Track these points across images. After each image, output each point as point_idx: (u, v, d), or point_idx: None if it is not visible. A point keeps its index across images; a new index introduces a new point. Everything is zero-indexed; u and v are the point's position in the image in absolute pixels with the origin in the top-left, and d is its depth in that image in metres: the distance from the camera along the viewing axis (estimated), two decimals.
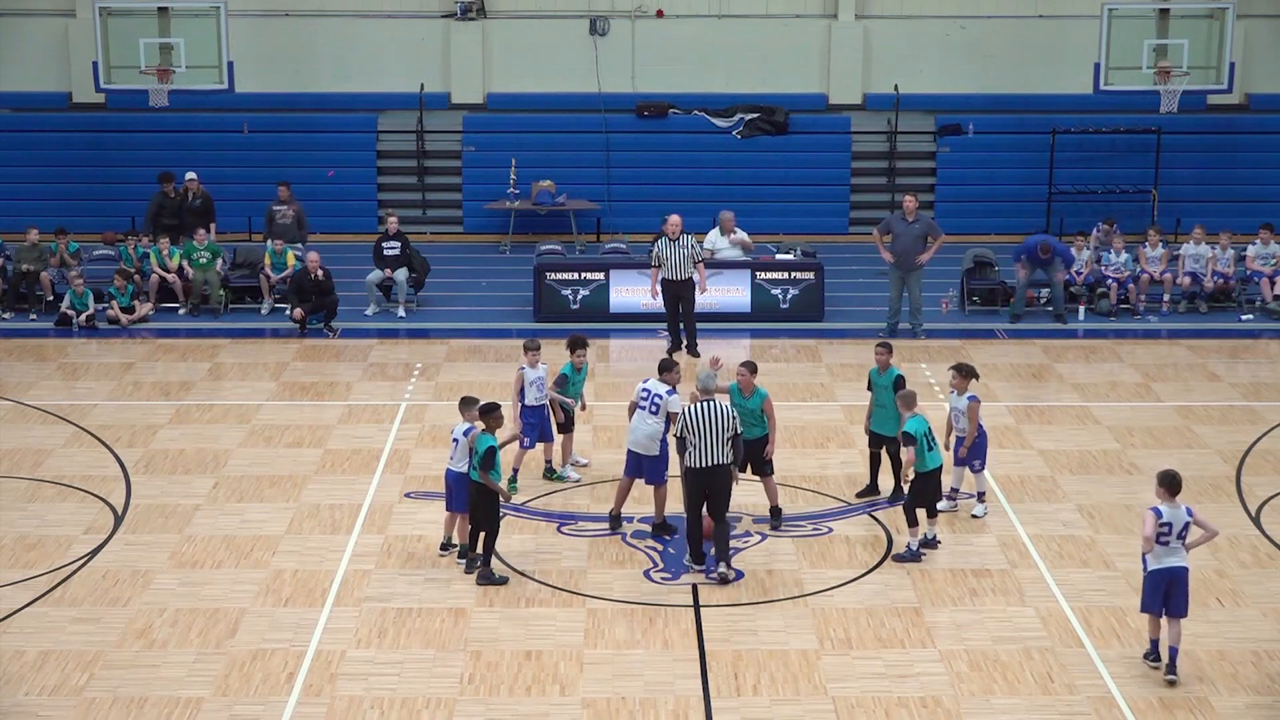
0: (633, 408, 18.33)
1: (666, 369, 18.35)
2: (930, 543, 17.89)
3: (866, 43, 33.67)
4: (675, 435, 17.17)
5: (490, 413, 17.18)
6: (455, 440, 17.45)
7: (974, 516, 18.81)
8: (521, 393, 19.59)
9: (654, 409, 18.11)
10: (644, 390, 18.21)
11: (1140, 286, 27.69)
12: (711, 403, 17.11)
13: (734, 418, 17.12)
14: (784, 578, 17.38)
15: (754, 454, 18.23)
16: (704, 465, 16.99)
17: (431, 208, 32.94)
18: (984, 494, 19.00)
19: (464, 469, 17.18)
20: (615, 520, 18.51)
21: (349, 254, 29.11)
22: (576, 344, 20.13)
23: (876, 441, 19.30)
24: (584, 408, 20.35)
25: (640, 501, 18.60)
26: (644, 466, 18.16)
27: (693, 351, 24.82)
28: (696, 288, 24.97)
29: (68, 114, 32.94)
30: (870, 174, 33.31)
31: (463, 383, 23.90)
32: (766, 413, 18.38)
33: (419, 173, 33.06)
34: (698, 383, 17.50)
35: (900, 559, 17.66)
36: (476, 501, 17.06)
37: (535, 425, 19.61)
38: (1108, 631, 16.04)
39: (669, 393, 18.14)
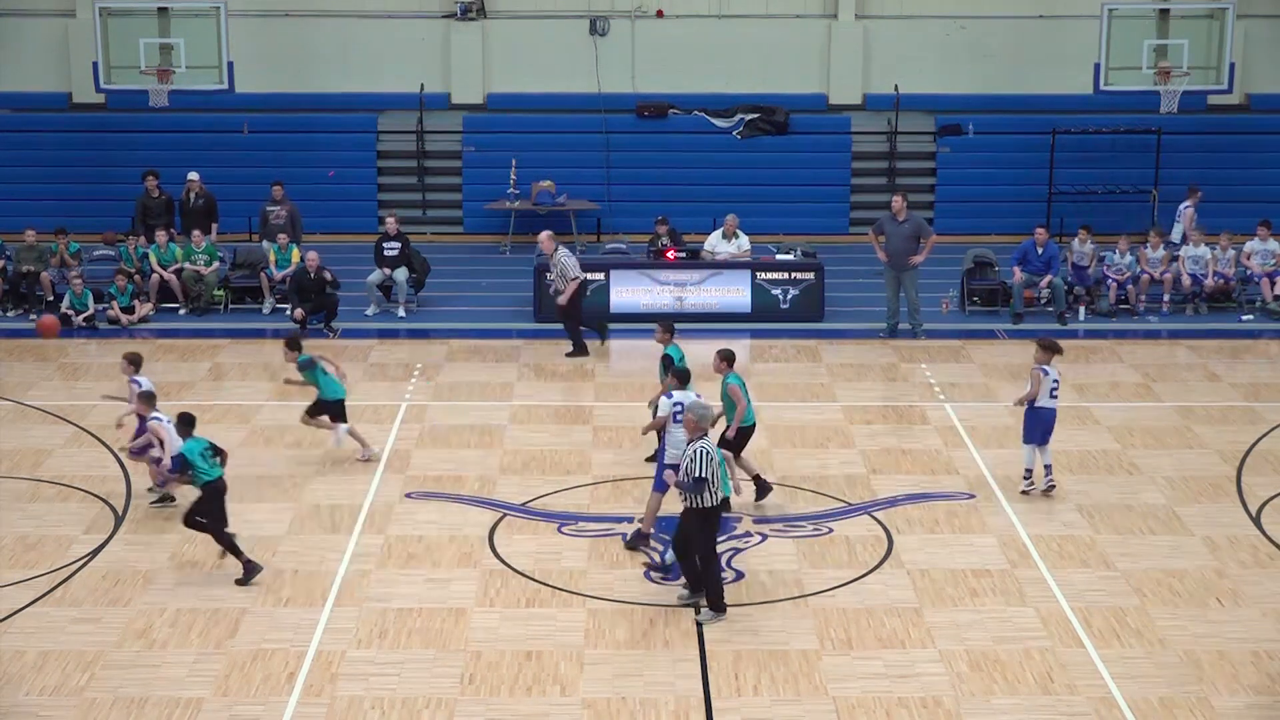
0: (660, 423, 18.20)
1: (688, 379, 18.31)
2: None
3: (866, 43, 33.69)
4: (693, 477, 15.92)
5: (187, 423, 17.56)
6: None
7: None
8: None
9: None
10: (678, 404, 18.04)
11: (1140, 287, 27.70)
12: (707, 438, 16.36)
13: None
14: (784, 578, 17.38)
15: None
16: (715, 503, 16.22)
17: (432, 208, 32.96)
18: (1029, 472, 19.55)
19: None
20: (644, 539, 18.12)
21: (349, 254, 29.12)
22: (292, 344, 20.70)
23: None
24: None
25: (639, 504, 18.62)
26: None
27: None
28: None
29: (68, 114, 32.95)
30: (870, 174, 33.33)
31: (463, 383, 23.93)
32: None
33: (419, 173, 33.07)
34: (693, 414, 16.47)
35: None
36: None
37: None
38: (1108, 632, 16.03)
39: (697, 396, 18.20)
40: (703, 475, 15.91)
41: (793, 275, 27.25)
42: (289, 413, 22.52)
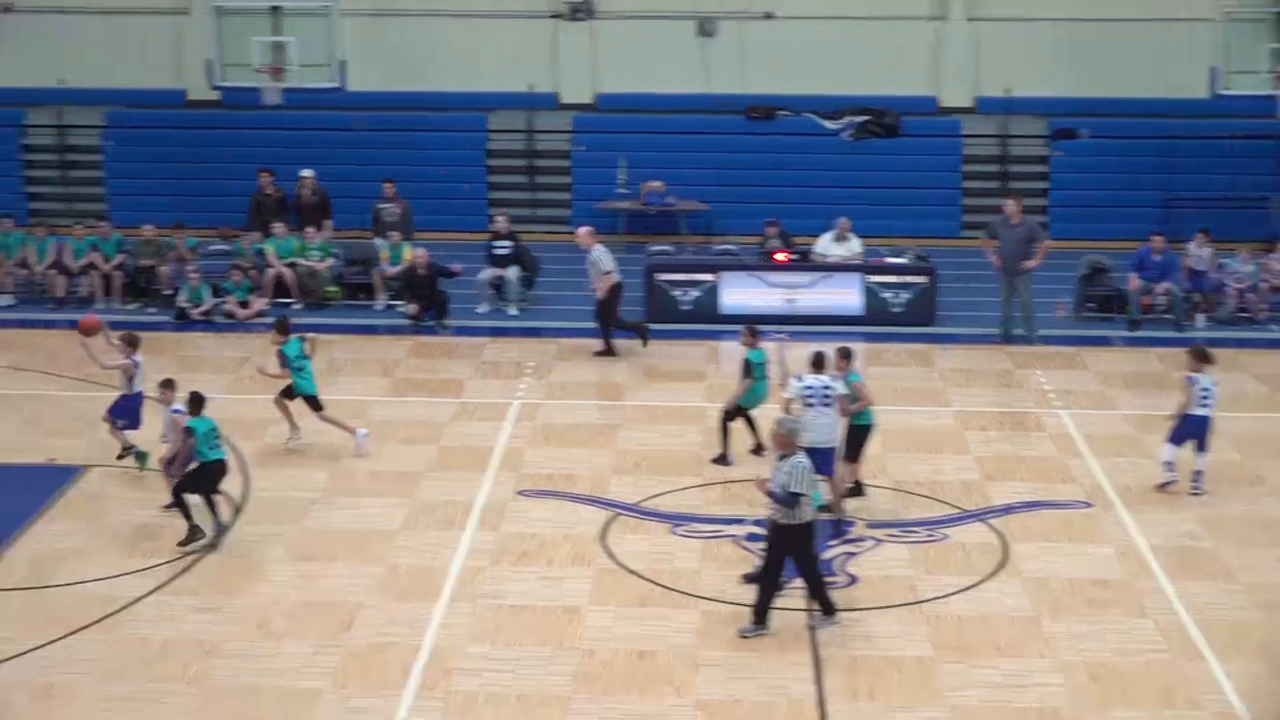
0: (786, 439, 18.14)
1: (820, 363, 18.48)
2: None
3: (977, 45, 33.39)
4: (789, 491, 15.64)
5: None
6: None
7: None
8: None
9: (825, 401, 18.25)
10: (807, 388, 18.21)
11: (1260, 295, 27.27)
12: (801, 453, 16.03)
13: None
14: (898, 584, 17.28)
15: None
16: (809, 520, 15.94)
17: (541, 207, 33.02)
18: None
19: None
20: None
21: (460, 253, 29.20)
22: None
23: None
24: None
25: (751, 506, 18.57)
26: (818, 461, 17.71)
27: None
28: None
29: (183, 111, 33.27)
30: (981, 178, 33.03)
31: (574, 382, 23.97)
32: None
33: (529, 172, 33.15)
34: (783, 430, 16.13)
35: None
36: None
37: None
38: (1230, 646, 15.78)
39: (833, 379, 18.40)
40: (799, 490, 15.66)
41: (905, 278, 27.09)
42: (403, 409, 22.70)
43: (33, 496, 19.37)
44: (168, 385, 19.00)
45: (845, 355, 18.98)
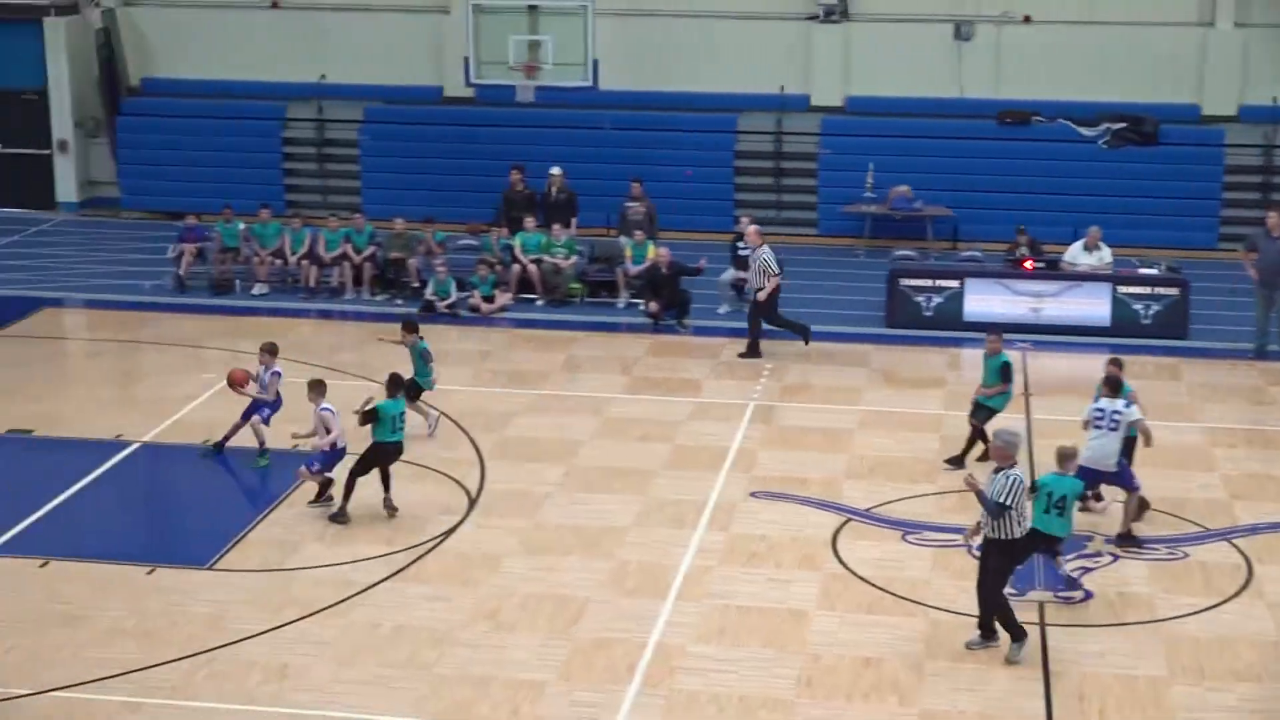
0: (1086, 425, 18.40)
1: (1115, 386, 18.45)
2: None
3: (1245, 52, 32.40)
4: (996, 501, 15.39)
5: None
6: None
7: None
8: None
9: (1113, 425, 18.10)
10: (1098, 410, 18.22)
11: None
12: (1016, 467, 15.68)
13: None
14: (1135, 601, 16.89)
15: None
16: (1017, 536, 15.65)
17: (787, 209, 32.95)
18: None
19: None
20: (1131, 540, 18.37)
21: (703, 253, 29.24)
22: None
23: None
24: None
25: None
26: (1089, 480, 17.75)
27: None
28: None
29: (439, 107, 33.91)
30: (1244, 189, 32.03)
31: (811, 385, 23.87)
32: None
33: (775, 174, 33.10)
34: (1000, 442, 15.80)
35: None
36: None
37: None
38: None
39: (1126, 406, 18.22)
40: (1006, 502, 15.33)
41: (1155, 290, 26.44)
42: (641, 406, 22.84)
43: (279, 481, 19.93)
44: (316, 386, 19.20)
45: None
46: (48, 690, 14.89)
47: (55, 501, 19.25)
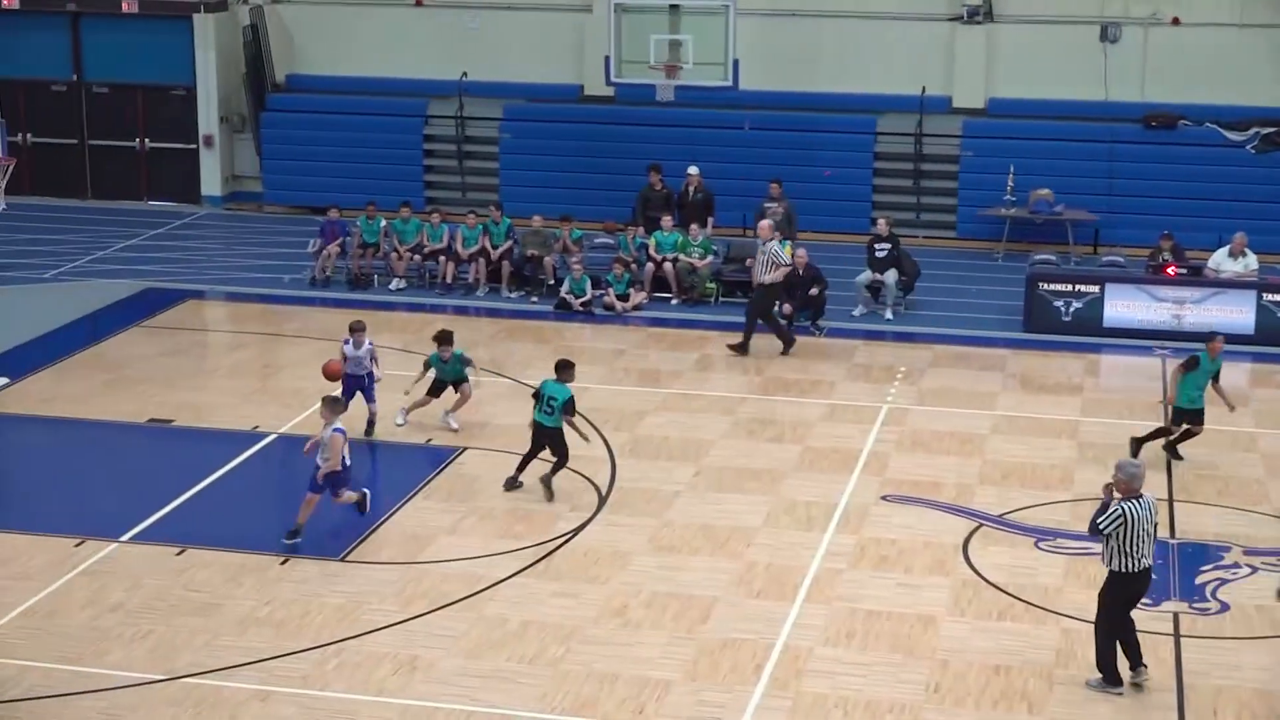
0: None
1: None
2: None
3: None
4: (1092, 521, 14.87)
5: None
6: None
7: None
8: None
9: None
10: None
11: None
12: (1143, 499, 14.87)
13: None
14: (1273, 615, 16.54)
15: None
16: (1129, 571, 14.86)
17: (926, 211, 32.69)
18: None
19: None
20: None
21: (840, 254, 29.17)
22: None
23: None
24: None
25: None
26: None
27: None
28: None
29: (578, 105, 34.04)
30: None
31: (946, 389, 23.65)
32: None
33: (915, 175, 32.84)
34: (1122, 475, 14.90)
35: None
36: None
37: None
38: None
39: None
40: (1103, 528, 14.66)
41: None
42: (772, 407, 22.76)
43: (411, 475, 20.13)
44: (330, 403, 18.36)
45: None
46: (180, 676, 15.13)
47: (192, 491, 19.57)
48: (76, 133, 35.50)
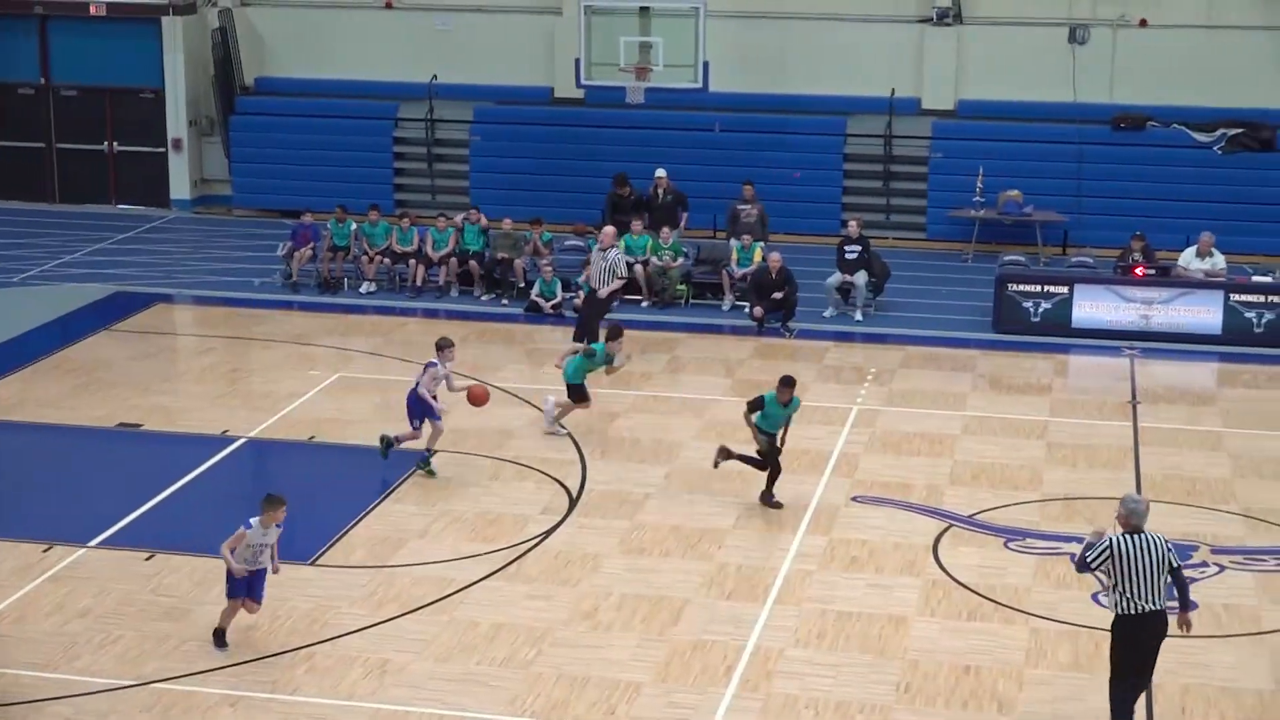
0: None
1: None
2: None
3: None
4: (1082, 555, 13.97)
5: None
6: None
7: None
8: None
9: None
10: None
11: None
12: (1143, 536, 13.86)
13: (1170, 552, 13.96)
14: (1240, 613, 16.63)
15: None
16: (1128, 613, 13.81)
17: (895, 212, 32.76)
18: None
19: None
20: None
21: (810, 255, 29.21)
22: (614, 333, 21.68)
23: None
24: None
25: (1089, 524, 18.07)
26: None
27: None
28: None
29: (549, 108, 34.03)
30: None
31: (916, 390, 23.70)
32: None
33: (885, 177, 32.91)
34: (1123, 509, 14.00)
35: None
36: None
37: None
38: None
39: None
40: (1089, 560, 13.79)
41: (1269, 298, 26.00)
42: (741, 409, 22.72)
43: (381, 478, 20.08)
44: (270, 502, 15.70)
45: None
46: (149, 682, 15.09)
47: (161, 495, 19.51)
48: (44, 136, 35.37)
